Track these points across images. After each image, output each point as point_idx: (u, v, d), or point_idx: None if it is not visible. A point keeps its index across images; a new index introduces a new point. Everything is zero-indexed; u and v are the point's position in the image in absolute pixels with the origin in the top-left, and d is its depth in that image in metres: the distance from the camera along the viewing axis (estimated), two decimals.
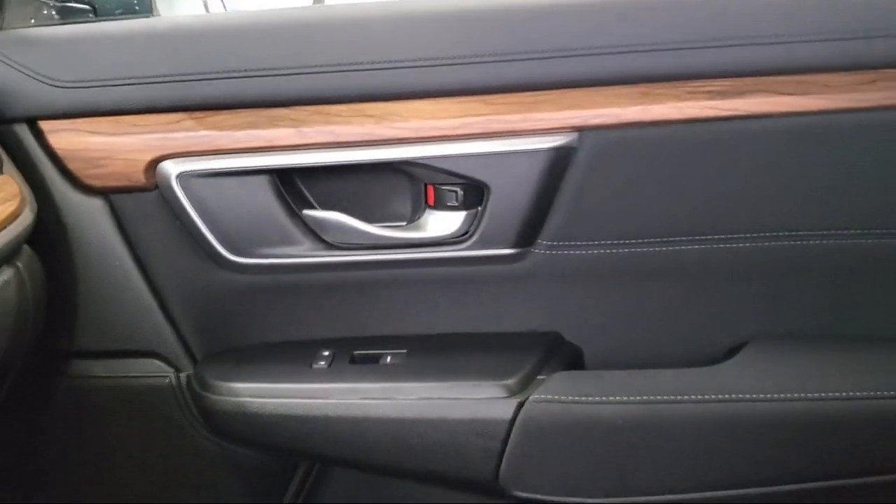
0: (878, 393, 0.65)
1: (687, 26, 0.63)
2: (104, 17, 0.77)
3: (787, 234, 0.67)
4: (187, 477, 0.72)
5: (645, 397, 0.66)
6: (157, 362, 0.70)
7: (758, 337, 0.70)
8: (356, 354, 0.70)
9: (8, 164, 0.64)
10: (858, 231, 0.66)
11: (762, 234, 0.68)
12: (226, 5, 1.06)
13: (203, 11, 1.13)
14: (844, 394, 0.65)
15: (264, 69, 0.65)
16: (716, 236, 0.68)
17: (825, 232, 0.66)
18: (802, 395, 0.65)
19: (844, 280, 0.68)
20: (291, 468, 0.73)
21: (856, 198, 0.66)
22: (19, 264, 0.60)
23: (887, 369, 0.67)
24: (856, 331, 0.70)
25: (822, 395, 0.65)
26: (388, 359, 0.69)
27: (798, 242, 0.67)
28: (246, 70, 0.65)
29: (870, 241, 0.67)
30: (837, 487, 0.66)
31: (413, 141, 0.65)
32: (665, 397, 0.66)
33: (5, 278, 0.58)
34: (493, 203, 0.66)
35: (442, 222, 0.68)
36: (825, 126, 0.64)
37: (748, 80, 0.63)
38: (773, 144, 0.65)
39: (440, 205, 0.68)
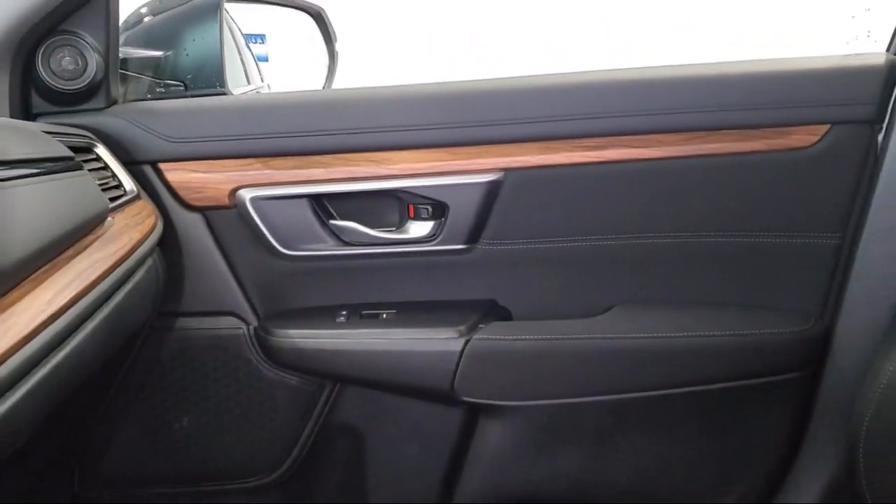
0: (696, 333, 0.99)
1: (572, 105, 0.97)
2: (193, 93, 1.09)
3: (641, 235, 1.01)
4: (253, 394, 1.06)
5: (548, 336, 1.00)
6: (234, 318, 1.04)
7: (625, 301, 1.04)
8: (363, 313, 1.04)
9: (142, 193, 0.97)
10: (686, 233, 1.01)
11: (626, 235, 1.01)
12: (271, 87, 1.36)
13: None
14: (676, 335, 1.00)
15: (304, 132, 0.98)
16: (597, 236, 1.01)
17: (665, 234, 1.01)
18: (650, 335, 1.00)
19: (682, 264, 1.02)
20: (320, 389, 1.07)
21: (682, 212, 1.00)
22: (155, 256, 0.94)
23: (704, 320, 1.01)
24: (690, 297, 1.04)
25: (663, 335, 0.99)
26: (384, 315, 1.03)
27: (649, 241, 1.01)
28: (292, 132, 0.98)
29: (694, 240, 1.01)
30: (674, 395, 1.01)
31: (400, 177, 0.99)
32: (561, 336, 1.00)
33: (149, 265, 0.92)
34: (451, 216, 1.00)
35: (418, 228, 1.02)
36: (659, 167, 0.98)
37: (611, 139, 0.97)
38: (628, 178, 0.99)
39: (417, 217, 1.02)
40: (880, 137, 0.99)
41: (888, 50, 1.03)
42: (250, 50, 1.43)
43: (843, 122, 0.97)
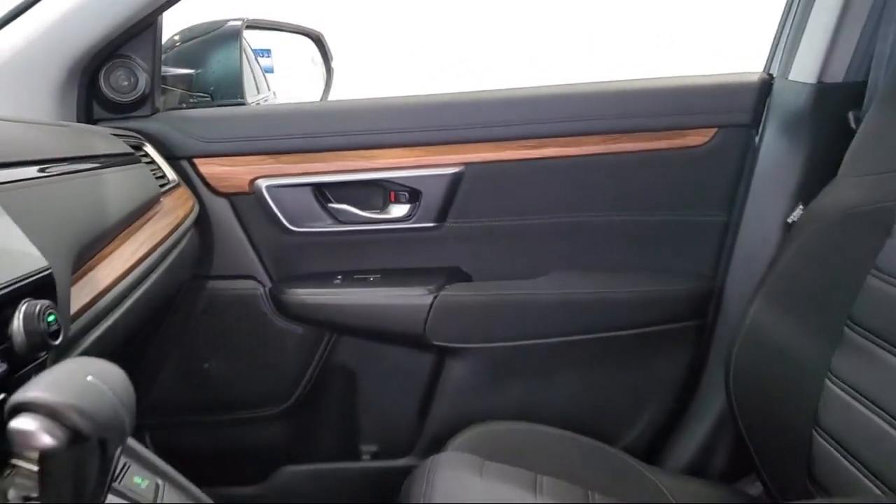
0: (613, 290, 1.26)
1: (517, 114, 1.23)
2: (218, 103, 1.34)
3: (570, 214, 1.27)
4: (267, 341, 1.31)
5: (499, 293, 1.27)
6: (253, 281, 1.29)
7: (558, 266, 1.30)
8: (355, 276, 1.29)
9: (182, 182, 1.22)
10: (605, 213, 1.27)
11: (559, 214, 1.27)
12: (276, 94, 1.60)
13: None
14: (598, 291, 1.26)
15: (307, 134, 1.24)
16: (536, 216, 1.27)
17: (588, 213, 1.27)
18: (577, 291, 1.26)
19: (602, 237, 1.28)
20: (320, 337, 1.32)
21: (602, 196, 1.26)
22: (192, 231, 1.19)
23: (619, 280, 1.27)
24: (608, 263, 1.30)
25: (588, 291, 1.26)
26: (371, 278, 1.29)
27: (576, 219, 1.27)
28: (298, 135, 1.24)
29: (611, 218, 1.27)
30: (597, 338, 1.28)
31: (383, 170, 1.24)
32: (509, 293, 1.27)
33: (188, 238, 1.17)
34: (424, 201, 1.25)
35: (398, 210, 1.27)
36: (584, 162, 1.24)
37: (546, 140, 1.23)
38: (560, 171, 1.25)
39: (397, 201, 1.27)
40: (757, 139, 1.25)
41: (763, 70, 1.29)
42: (258, 63, 1.67)
43: (728, 126, 1.24)
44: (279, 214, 1.26)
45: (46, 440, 0.40)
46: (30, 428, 0.40)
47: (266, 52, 1.59)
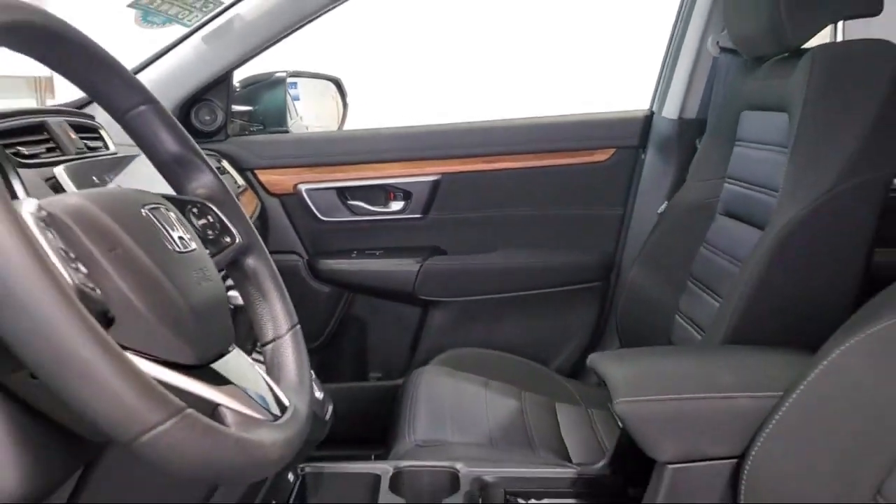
0: (543, 260, 1.79)
1: (476, 139, 1.76)
2: (269, 130, 1.86)
3: (512, 209, 1.80)
4: (304, 297, 1.82)
5: (465, 262, 1.80)
6: (295, 255, 1.81)
7: (505, 243, 1.82)
8: (365, 252, 1.82)
9: (248, 187, 1.74)
10: (536, 208, 1.79)
11: (505, 209, 1.80)
12: (303, 118, 2.11)
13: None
14: (534, 260, 1.79)
15: (332, 153, 1.76)
16: (490, 210, 1.80)
17: (525, 209, 1.79)
18: (519, 261, 1.79)
19: (535, 225, 1.81)
20: (342, 295, 1.84)
21: (534, 196, 1.79)
22: (257, 221, 1.71)
23: (547, 252, 1.80)
24: (540, 243, 1.82)
25: (527, 261, 1.79)
26: (377, 253, 1.81)
27: (516, 212, 1.80)
28: (326, 153, 1.76)
29: (541, 212, 1.80)
30: (531, 294, 1.80)
31: (385, 177, 1.77)
32: (472, 262, 1.80)
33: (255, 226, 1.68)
34: (413, 199, 1.78)
35: (395, 205, 1.80)
36: (522, 172, 1.77)
37: (497, 157, 1.76)
38: (506, 178, 1.78)
39: (395, 199, 1.80)
40: (642, 156, 1.79)
41: (648, 108, 1.83)
42: (288, 93, 2.19)
43: (622, 147, 1.78)
44: (313, 208, 1.78)
45: None
46: None
47: (294, 85, 2.09)
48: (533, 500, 1.14)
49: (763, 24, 1.25)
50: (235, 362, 0.63)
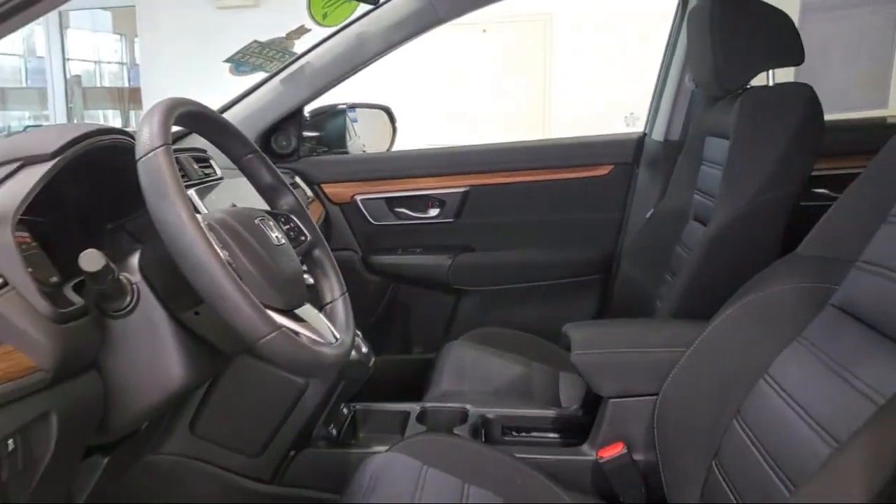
0: (554, 256, 2.16)
1: (496, 158, 2.14)
2: (332, 152, 2.27)
3: (526, 215, 2.17)
4: (358, 286, 2.22)
5: (488, 258, 2.17)
6: (352, 252, 2.22)
7: (520, 242, 2.19)
8: (408, 249, 2.21)
9: (315, 198, 2.15)
10: (546, 214, 2.16)
11: (521, 215, 2.17)
12: (360, 136, 2.53)
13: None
14: (546, 257, 2.16)
15: (383, 170, 2.17)
16: (509, 216, 2.18)
17: (537, 214, 2.16)
18: (532, 257, 2.16)
19: (546, 228, 2.18)
20: (388, 284, 2.24)
21: (545, 204, 2.16)
22: (322, 224, 2.12)
23: (557, 250, 2.17)
24: (548, 242, 2.19)
25: (540, 258, 2.16)
26: (418, 250, 2.21)
27: (530, 218, 2.17)
28: (377, 170, 2.17)
29: (549, 217, 2.17)
30: (543, 285, 2.17)
31: (425, 189, 2.17)
32: (495, 255, 2.18)
33: (320, 227, 2.10)
34: (447, 206, 2.18)
35: (433, 212, 2.20)
36: (535, 185, 2.14)
37: (514, 172, 2.14)
38: (521, 190, 2.15)
39: (432, 207, 2.20)
40: (637, 171, 2.14)
41: (642, 130, 2.17)
42: (348, 120, 2.60)
43: (619, 164, 2.13)
44: (366, 214, 2.19)
45: None
46: None
47: (353, 110, 2.50)
48: (524, 434, 1.51)
49: (709, 72, 1.60)
50: (308, 311, 1.03)
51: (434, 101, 5.88)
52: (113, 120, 8.27)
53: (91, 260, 0.84)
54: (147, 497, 1.35)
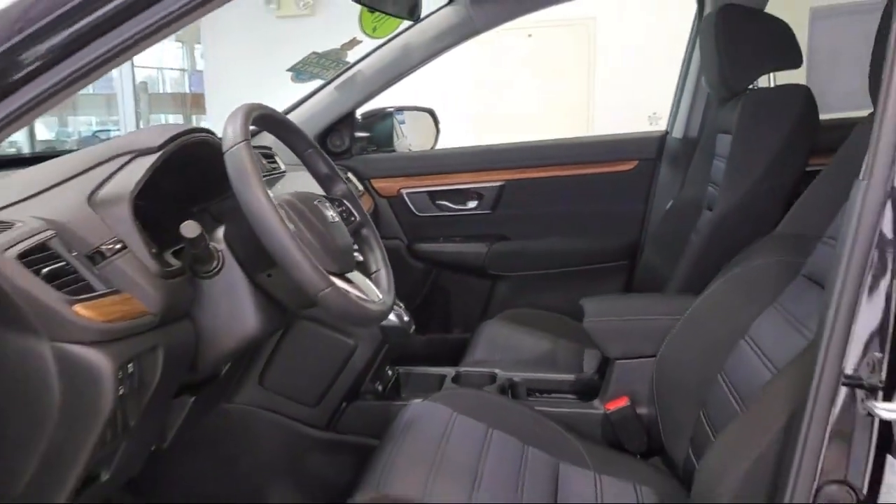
0: (584, 245, 2.35)
1: (530, 154, 2.34)
2: (380, 150, 2.50)
3: (558, 206, 2.36)
4: (404, 271, 2.45)
5: (521, 245, 2.37)
6: (398, 241, 2.44)
7: (551, 231, 2.39)
8: (449, 237, 2.42)
9: (366, 192, 2.38)
10: (577, 204, 2.35)
11: (552, 205, 2.37)
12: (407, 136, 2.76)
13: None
14: (573, 247, 2.35)
15: (426, 166, 2.39)
16: (540, 207, 2.37)
17: (568, 205, 2.36)
18: (564, 247, 2.36)
19: (577, 218, 2.37)
20: (431, 270, 2.45)
21: (575, 195, 2.35)
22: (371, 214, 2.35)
23: (589, 239, 2.35)
24: (578, 231, 2.38)
25: (570, 247, 2.35)
26: (457, 238, 2.42)
27: (562, 209, 2.36)
28: (421, 166, 2.39)
29: (579, 208, 2.35)
30: (573, 270, 2.37)
31: (464, 183, 2.38)
32: (527, 245, 2.37)
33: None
34: (485, 199, 2.39)
35: (471, 203, 2.41)
36: (566, 178, 2.33)
37: (547, 167, 2.33)
38: (552, 183, 2.34)
39: (470, 199, 2.41)
40: (659, 167, 2.31)
41: (664, 129, 2.35)
42: (396, 122, 2.83)
43: (643, 159, 2.31)
44: (411, 206, 2.41)
45: None
46: None
47: (400, 112, 2.73)
48: (545, 395, 1.71)
49: (716, 75, 1.77)
50: (357, 276, 1.25)
51: (480, 103, 6.09)
52: None
53: (190, 228, 1.07)
54: (222, 440, 1.60)
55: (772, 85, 1.82)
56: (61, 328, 0.94)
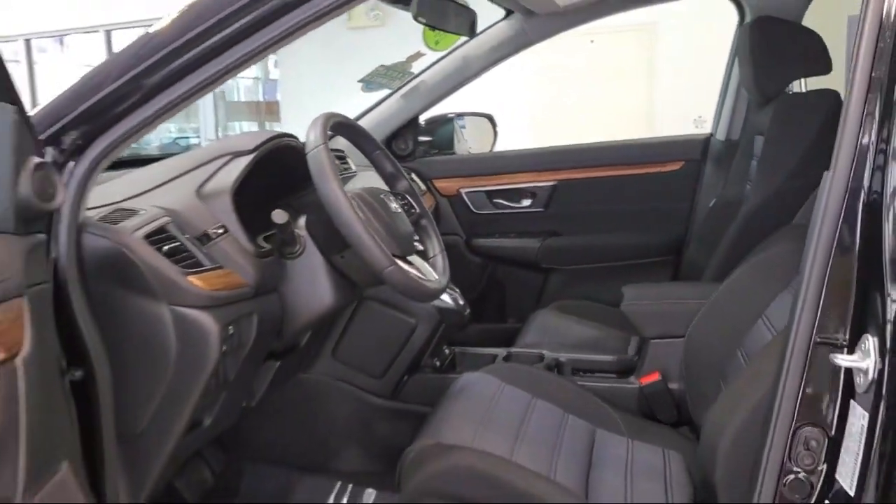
0: (629, 241, 2.50)
1: (579, 156, 2.51)
2: (441, 153, 2.70)
3: (609, 205, 2.52)
4: (462, 265, 2.64)
5: (572, 241, 2.54)
6: (457, 236, 2.64)
7: (605, 230, 2.54)
8: (505, 234, 2.61)
9: (427, 191, 2.59)
10: (622, 203, 2.50)
11: (604, 204, 2.52)
12: (468, 140, 2.96)
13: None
14: (615, 244, 2.50)
15: (483, 168, 2.58)
16: (588, 204, 2.53)
17: (619, 203, 2.51)
18: (609, 243, 2.51)
19: (619, 216, 2.51)
20: (487, 264, 2.64)
21: (622, 194, 2.50)
22: (432, 212, 2.55)
23: (635, 235, 2.50)
24: (622, 227, 2.53)
25: (615, 243, 2.51)
26: (512, 234, 2.60)
27: (608, 208, 2.51)
28: (479, 168, 2.58)
29: (625, 207, 2.50)
30: (620, 265, 2.52)
31: (519, 183, 2.56)
32: (578, 241, 2.54)
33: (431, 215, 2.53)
34: (538, 197, 2.56)
35: (525, 202, 2.58)
36: (618, 179, 2.49)
37: (595, 168, 2.49)
38: (605, 183, 2.50)
39: (525, 198, 2.58)
40: (703, 167, 2.44)
41: (710, 132, 2.48)
42: (456, 127, 3.03)
43: (689, 160, 2.45)
44: (470, 205, 2.60)
45: None
46: None
47: (461, 117, 2.92)
48: (589, 374, 1.87)
49: (751, 81, 1.91)
50: (417, 260, 1.45)
51: (542, 107, 6.25)
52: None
53: (280, 216, 1.29)
54: (300, 405, 1.82)
55: (803, 90, 1.93)
56: (178, 294, 1.17)
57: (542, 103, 6.28)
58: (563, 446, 1.43)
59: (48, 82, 8.64)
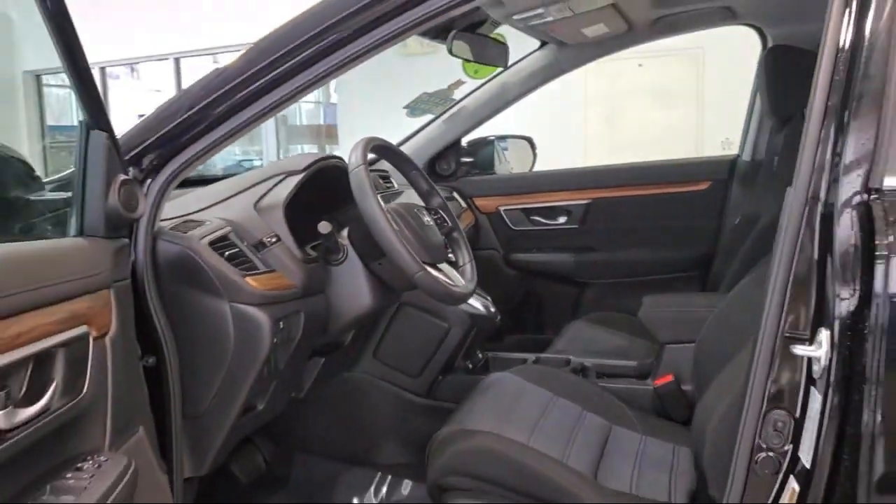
0: (663, 257, 2.61)
1: (609, 177, 2.64)
2: (481, 173, 2.87)
3: (638, 221, 2.64)
4: (498, 278, 2.79)
5: (604, 255, 2.67)
6: (495, 251, 2.79)
7: (636, 245, 2.67)
8: (541, 248, 2.75)
9: (468, 208, 2.75)
10: (651, 220, 2.62)
11: (635, 222, 2.65)
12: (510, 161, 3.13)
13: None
14: (644, 260, 2.62)
15: (521, 187, 2.73)
16: (617, 223, 2.66)
17: (647, 221, 2.63)
18: (643, 257, 2.63)
19: (646, 233, 2.63)
20: (524, 277, 2.79)
21: (650, 213, 2.62)
22: (472, 229, 2.72)
23: (666, 252, 2.62)
24: (650, 243, 2.64)
25: (646, 258, 2.62)
26: (547, 249, 2.74)
27: (640, 223, 2.64)
28: (516, 188, 2.74)
29: (653, 223, 2.62)
30: (639, 280, 2.63)
31: (555, 201, 2.71)
32: (609, 255, 2.67)
33: (470, 230, 2.69)
34: (573, 215, 2.70)
35: (561, 219, 2.72)
36: (647, 198, 2.61)
37: (623, 187, 2.62)
38: (635, 202, 2.63)
39: (560, 215, 2.72)
40: (731, 186, 2.55)
41: (737, 153, 2.58)
42: (497, 149, 3.20)
43: (716, 180, 2.56)
44: (508, 221, 2.75)
45: None
46: None
47: (503, 140, 3.09)
48: (611, 378, 2.00)
49: (769, 106, 2.03)
50: (447, 267, 1.61)
51: (593, 131, 6.38)
52: None
53: (325, 227, 1.48)
54: (343, 400, 1.99)
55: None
56: (237, 293, 1.36)
57: (591, 128, 6.42)
58: (578, 438, 1.56)
59: (121, 107, 9.16)
